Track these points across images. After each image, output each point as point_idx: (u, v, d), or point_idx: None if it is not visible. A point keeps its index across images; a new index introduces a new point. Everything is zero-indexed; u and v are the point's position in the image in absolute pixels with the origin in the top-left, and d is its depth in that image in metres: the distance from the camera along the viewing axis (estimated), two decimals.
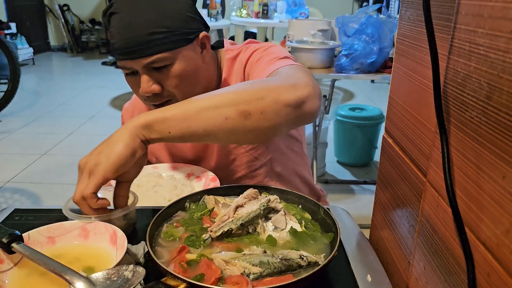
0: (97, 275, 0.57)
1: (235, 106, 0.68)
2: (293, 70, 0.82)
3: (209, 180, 1.00)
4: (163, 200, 0.93)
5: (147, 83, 0.87)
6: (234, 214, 0.72)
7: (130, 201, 0.77)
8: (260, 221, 0.73)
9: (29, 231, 0.69)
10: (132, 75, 0.90)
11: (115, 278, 0.56)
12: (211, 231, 0.70)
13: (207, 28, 0.96)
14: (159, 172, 1.06)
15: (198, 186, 1.00)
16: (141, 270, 0.57)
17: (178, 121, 0.68)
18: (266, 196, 0.76)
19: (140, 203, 0.81)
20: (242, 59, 0.99)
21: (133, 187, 0.95)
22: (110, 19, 0.88)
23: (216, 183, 0.97)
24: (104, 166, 0.65)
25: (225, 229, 0.69)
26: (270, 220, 0.73)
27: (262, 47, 0.98)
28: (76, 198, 0.67)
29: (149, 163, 1.22)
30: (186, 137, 0.70)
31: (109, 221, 0.72)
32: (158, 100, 0.91)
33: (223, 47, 1.06)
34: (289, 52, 2.30)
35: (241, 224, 0.70)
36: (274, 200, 0.75)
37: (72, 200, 0.69)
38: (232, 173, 1.06)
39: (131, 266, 0.58)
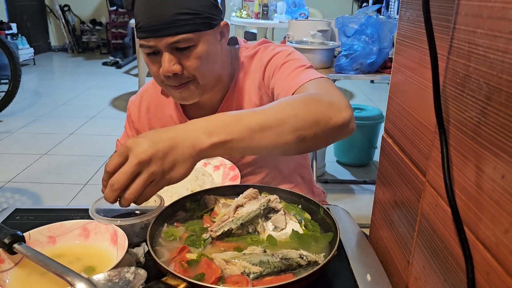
0: (99, 277, 0.57)
1: (294, 132, 0.71)
2: (327, 86, 0.85)
3: (227, 169, 1.00)
4: (185, 191, 0.91)
5: (169, 63, 0.89)
6: (234, 213, 0.72)
7: (157, 204, 0.77)
8: (260, 220, 0.73)
9: (30, 231, 0.70)
10: (153, 55, 0.92)
11: (117, 280, 0.56)
12: (211, 230, 0.70)
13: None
14: None
15: (217, 176, 1.00)
16: (143, 273, 0.57)
17: (242, 141, 0.68)
18: (266, 196, 0.76)
19: (161, 194, 0.77)
20: (262, 58, 1.01)
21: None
22: (135, 0, 0.90)
23: (236, 172, 0.97)
24: (172, 180, 0.63)
25: (225, 229, 0.70)
26: (270, 220, 0.73)
27: (285, 50, 1.00)
28: (131, 198, 0.61)
29: None
30: (244, 154, 0.76)
31: (133, 225, 0.72)
32: (178, 82, 0.93)
33: (237, 43, 1.08)
34: None
35: (241, 224, 0.71)
36: (274, 200, 0.75)
37: (125, 195, 0.61)
38: (239, 170, 1.07)
39: (133, 268, 0.58)
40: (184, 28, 0.87)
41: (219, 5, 0.95)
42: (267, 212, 0.74)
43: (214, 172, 1.01)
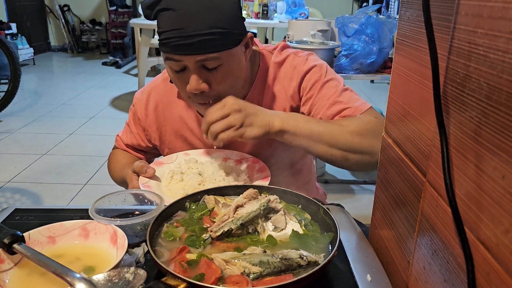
0: (98, 277, 0.57)
1: (343, 151, 0.89)
2: (380, 120, 0.95)
3: (251, 162, 1.02)
4: (223, 182, 0.96)
5: (196, 81, 0.90)
6: (234, 214, 0.72)
7: (157, 204, 0.77)
8: (260, 221, 0.73)
9: (30, 231, 0.69)
10: (180, 72, 0.92)
11: (116, 280, 0.57)
12: (211, 231, 0.70)
13: None
14: (194, 158, 1.05)
15: (242, 168, 1.02)
16: (142, 273, 0.57)
17: (302, 139, 0.89)
18: (266, 196, 0.76)
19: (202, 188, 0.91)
20: (297, 67, 1.03)
21: (178, 175, 0.96)
22: (160, 14, 0.88)
23: (261, 165, 0.99)
24: (244, 134, 0.85)
25: (225, 229, 0.70)
26: (270, 220, 0.73)
27: (320, 65, 1.04)
28: (214, 130, 0.85)
29: (154, 156, 1.22)
30: (298, 146, 0.91)
31: (133, 225, 0.73)
32: (204, 99, 0.94)
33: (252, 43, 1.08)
34: None
35: (241, 224, 0.71)
36: (274, 200, 0.75)
37: (211, 129, 0.85)
38: None
39: (132, 268, 0.58)
40: (213, 48, 0.87)
41: (242, 16, 0.95)
42: (267, 212, 0.74)
43: (236, 166, 1.02)
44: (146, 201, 0.82)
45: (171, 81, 1.05)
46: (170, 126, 1.11)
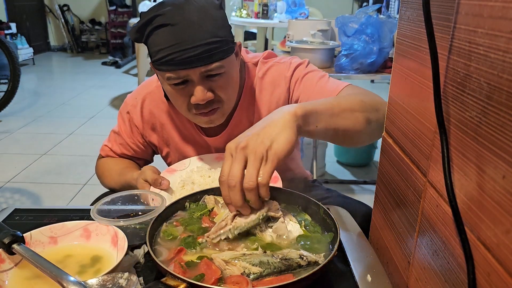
0: (92, 281, 0.58)
1: (363, 112, 0.81)
2: (362, 88, 0.98)
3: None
4: None
5: (202, 91, 0.90)
6: (232, 222, 0.71)
7: (158, 205, 0.77)
8: (258, 227, 0.71)
9: (31, 231, 0.69)
10: (181, 85, 0.91)
11: (110, 285, 0.58)
12: (208, 237, 0.70)
13: None
14: (206, 165, 1.04)
15: None
16: (135, 279, 0.59)
17: (326, 116, 0.76)
18: (265, 203, 0.73)
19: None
20: (283, 73, 1.05)
21: (189, 185, 0.95)
22: (154, 32, 0.87)
23: (274, 174, 0.92)
24: (278, 151, 0.65)
25: (222, 238, 0.69)
26: (271, 229, 0.71)
27: (300, 62, 1.06)
28: (251, 184, 0.64)
29: (146, 162, 1.21)
30: (326, 132, 0.78)
31: (135, 226, 0.72)
32: (208, 108, 0.94)
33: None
34: (289, 52, 2.32)
35: (239, 234, 0.70)
36: (274, 208, 0.73)
37: (244, 185, 0.64)
38: None
39: (126, 274, 0.59)
40: (217, 56, 0.88)
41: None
42: (266, 219, 0.73)
43: None
44: (147, 201, 0.82)
45: (166, 97, 1.04)
46: (167, 128, 1.11)
